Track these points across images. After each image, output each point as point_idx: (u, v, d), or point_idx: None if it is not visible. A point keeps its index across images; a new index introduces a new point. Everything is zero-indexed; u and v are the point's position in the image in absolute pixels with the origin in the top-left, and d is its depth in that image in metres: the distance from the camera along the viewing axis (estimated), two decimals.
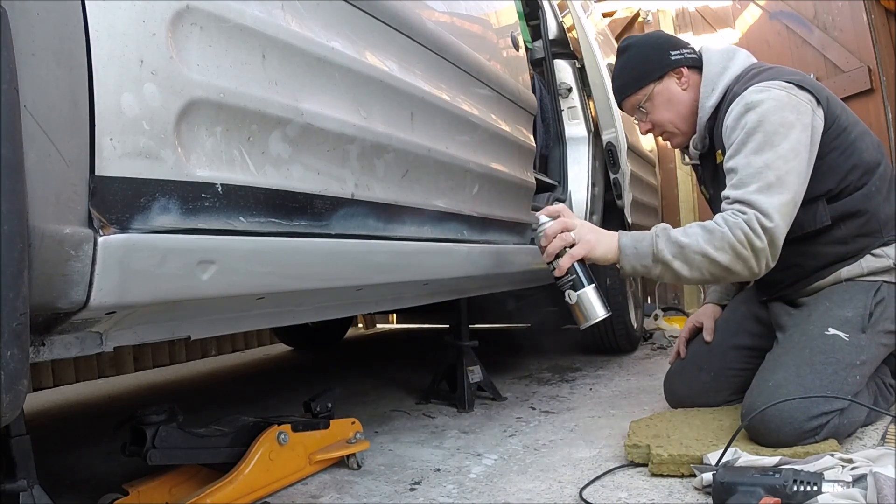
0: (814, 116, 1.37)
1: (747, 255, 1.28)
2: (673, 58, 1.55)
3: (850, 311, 1.38)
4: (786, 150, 1.31)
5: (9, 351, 0.54)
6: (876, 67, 2.76)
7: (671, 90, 1.56)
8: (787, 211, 1.31)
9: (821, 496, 0.97)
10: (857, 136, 1.44)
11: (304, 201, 0.92)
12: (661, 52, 1.56)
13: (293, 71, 0.89)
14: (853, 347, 1.33)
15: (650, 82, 1.56)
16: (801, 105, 1.36)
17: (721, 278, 1.38)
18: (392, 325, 4.59)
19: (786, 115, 1.33)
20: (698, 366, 1.66)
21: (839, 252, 1.44)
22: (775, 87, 1.37)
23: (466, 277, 1.52)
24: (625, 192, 2.50)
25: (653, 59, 1.56)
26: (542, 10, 2.48)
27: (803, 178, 1.34)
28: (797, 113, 1.34)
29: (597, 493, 1.18)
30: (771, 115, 1.33)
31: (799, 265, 1.47)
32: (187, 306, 0.84)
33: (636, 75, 1.57)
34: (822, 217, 1.41)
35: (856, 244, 1.43)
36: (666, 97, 1.56)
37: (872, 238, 1.43)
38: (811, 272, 1.47)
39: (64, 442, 1.77)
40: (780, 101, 1.35)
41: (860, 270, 1.43)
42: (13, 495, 0.81)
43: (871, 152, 1.44)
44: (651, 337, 3.15)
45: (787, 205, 1.30)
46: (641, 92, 1.57)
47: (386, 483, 1.32)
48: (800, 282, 1.50)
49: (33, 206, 0.57)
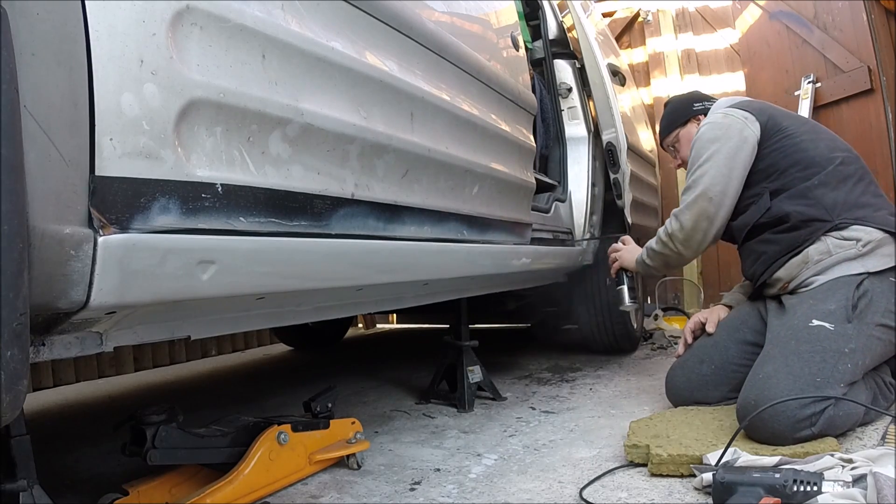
0: (744, 128, 1.66)
1: (666, 241, 1.76)
2: (695, 108, 1.97)
3: (833, 304, 1.43)
4: (703, 159, 1.66)
5: (9, 351, 0.54)
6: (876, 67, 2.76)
7: (691, 133, 1.92)
8: (696, 200, 1.66)
9: (821, 496, 0.97)
10: (807, 139, 1.65)
11: (304, 201, 0.92)
12: (688, 105, 1.99)
13: (293, 71, 0.89)
14: (839, 336, 1.36)
15: (677, 127, 2.00)
16: (730, 120, 1.68)
17: (669, 262, 1.84)
18: (392, 325, 4.59)
19: (712, 133, 1.68)
20: (700, 358, 1.69)
21: (794, 237, 1.57)
22: (717, 113, 1.74)
23: (466, 277, 1.53)
24: (625, 192, 2.50)
25: (680, 110, 2.01)
26: (542, 10, 2.48)
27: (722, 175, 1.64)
28: (723, 129, 1.67)
29: (597, 493, 1.18)
30: (702, 137, 1.70)
31: (764, 252, 1.64)
32: (187, 306, 0.84)
33: (669, 122, 2.03)
34: (769, 207, 1.62)
35: (807, 228, 1.56)
36: (688, 137, 1.92)
37: (822, 222, 1.54)
38: (777, 257, 1.60)
39: (64, 442, 1.77)
40: (713, 125, 1.70)
41: (827, 248, 1.52)
42: (13, 495, 0.81)
43: (822, 150, 1.63)
44: (651, 337, 3.15)
45: (697, 197, 1.66)
46: (672, 135, 2.02)
47: (386, 483, 1.32)
48: (770, 267, 1.61)
49: (33, 206, 0.57)
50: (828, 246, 1.51)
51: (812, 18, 3.11)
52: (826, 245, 1.52)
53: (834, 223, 1.52)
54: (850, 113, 2.90)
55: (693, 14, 4.38)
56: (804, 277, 1.54)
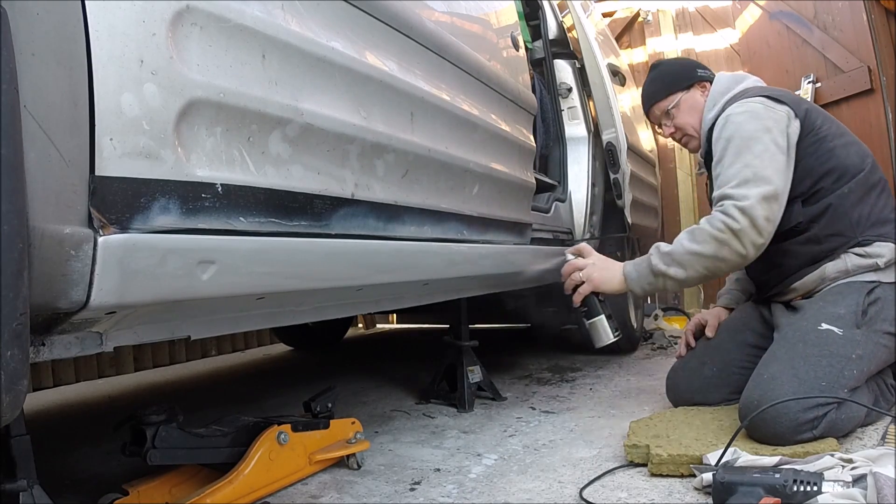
0: (789, 125, 1.50)
1: (728, 238, 1.40)
2: (699, 74, 1.79)
3: (843, 308, 1.42)
4: (759, 150, 1.45)
5: (9, 351, 0.54)
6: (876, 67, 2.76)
7: (695, 98, 1.77)
8: (767, 199, 1.41)
9: (821, 496, 0.97)
10: (839, 144, 1.54)
11: (304, 201, 0.92)
12: (690, 69, 1.82)
13: (293, 71, 0.89)
14: (847, 341, 1.35)
15: (679, 91, 1.78)
16: (776, 115, 1.50)
17: (716, 269, 1.47)
18: (392, 325, 4.59)
19: (759, 123, 1.48)
20: (702, 360, 1.68)
21: (815, 251, 1.52)
22: (754, 101, 1.54)
23: (466, 277, 1.52)
24: (625, 192, 2.51)
25: (682, 73, 1.81)
26: (542, 10, 2.48)
27: (783, 174, 1.45)
28: (771, 121, 1.49)
29: (597, 493, 1.18)
30: (746, 124, 1.49)
31: (781, 264, 1.57)
32: (187, 306, 0.84)
33: (666, 84, 1.81)
34: (796, 216, 1.51)
35: (830, 243, 1.51)
36: (690, 104, 1.77)
37: (845, 237, 1.50)
38: (794, 270, 1.55)
39: (64, 442, 1.77)
40: (755, 112, 1.51)
41: (845, 267, 1.49)
42: (13, 495, 0.81)
43: (853, 159, 1.54)
44: (651, 337, 3.15)
45: (768, 195, 1.41)
46: (670, 98, 1.79)
47: (386, 483, 1.32)
48: (786, 279, 1.57)
49: (33, 206, 0.57)
50: (846, 264, 1.49)
51: (812, 18, 3.11)
52: (844, 263, 1.49)
53: (857, 240, 1.49)
54: (850, 113, 2.89)
55: (693, 14, 4.38)
56: (818, 289, 1.53)
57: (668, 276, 1.48)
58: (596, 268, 1.60)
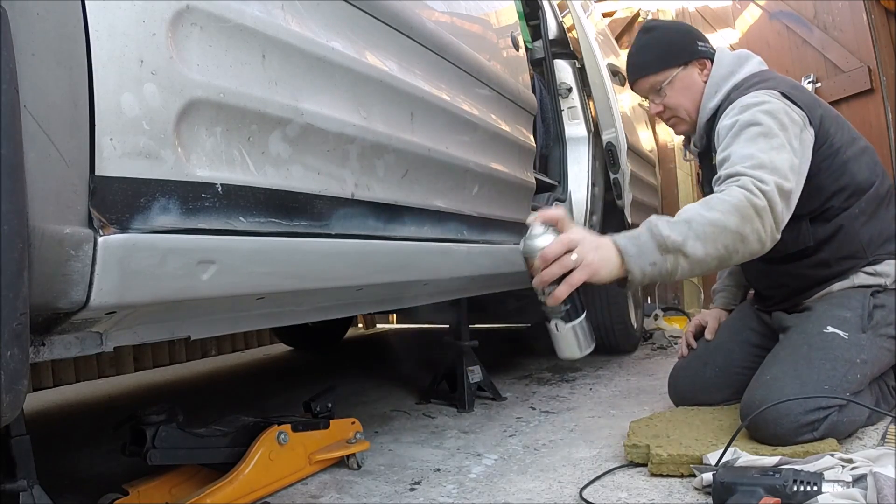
0: (804, 129, 1.36)
1: (752, 215, 1.15)
2: (700, 48, 1.57)
3: (849, 311, 1.40)
4: (777, 144, 1.27)
5: (9, 351, 0.54)
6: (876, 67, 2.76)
7: (693, 78, 1.57)
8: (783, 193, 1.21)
9: (821, 496, 0.97)
10: (851, 156, 1.44)
11: (304, 201, 0.92)
12: (690, 40, 1.58)
13: (293, 71, 0.89)
14: (852, 345, 1.34)
15: (676, 66, 1.56)
16: (793, 117, 1.35)
17: (733, 252, 1.17)
18: (392, 325, 4.59)
19: (776, 120, 1.32)
20: (703, 361, 1.68)
21: (824, 274, 1.48)
22: (774, 95, 1.38)
23: (466, 277, 1.52)
24: (625, 192, 2.50)
25: (681, 45, 1.57)
26: (542, 10, 2.48)
27: (796, 175, 1.28)
28: (788, 121, 1.33)
29: (597, 493, 1.17)
30: (762, 116, 1.32)
31: (787, 285, 1.53)
32: (187, 306, 0.84)
33: (662, 55, 1.57)
34: (805, 238, 1.44)
35: (840, 266, 1.46)
36: (686, 83, 1.57)
37: (856, 259, 1.45)
38: (800, 291, 1.52)
39: (64, 442, 1.77)
40: (771, 110, 1.34)
41: (851, 284, 1.46)
42: (13, 495, 0.81)
43: (865, 173, 1.45)
44: (651, 337, 3.15)
45: (784, 190, 1.22)
46: (664, 73, 1.57)
47: (386, 483, 1.32)
48: (791, 298, 1.54)
49: (33, 206, 0.57)
50: (853, 283, 1.45)
51: (812, 18, 3.12)
52: (852, 282, 1.46)
53: (868, 260, 1.45)
54: (850, 113, 2.89)
55: (693, 14, 4.37)
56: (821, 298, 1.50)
57: (682, 253, 1.11)
58: (589, 246, 1.10)
